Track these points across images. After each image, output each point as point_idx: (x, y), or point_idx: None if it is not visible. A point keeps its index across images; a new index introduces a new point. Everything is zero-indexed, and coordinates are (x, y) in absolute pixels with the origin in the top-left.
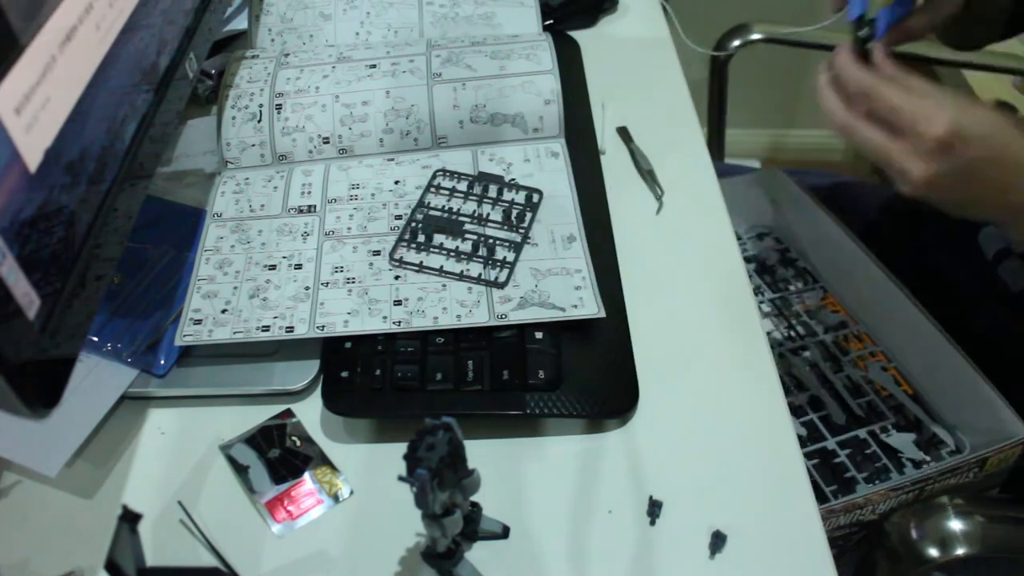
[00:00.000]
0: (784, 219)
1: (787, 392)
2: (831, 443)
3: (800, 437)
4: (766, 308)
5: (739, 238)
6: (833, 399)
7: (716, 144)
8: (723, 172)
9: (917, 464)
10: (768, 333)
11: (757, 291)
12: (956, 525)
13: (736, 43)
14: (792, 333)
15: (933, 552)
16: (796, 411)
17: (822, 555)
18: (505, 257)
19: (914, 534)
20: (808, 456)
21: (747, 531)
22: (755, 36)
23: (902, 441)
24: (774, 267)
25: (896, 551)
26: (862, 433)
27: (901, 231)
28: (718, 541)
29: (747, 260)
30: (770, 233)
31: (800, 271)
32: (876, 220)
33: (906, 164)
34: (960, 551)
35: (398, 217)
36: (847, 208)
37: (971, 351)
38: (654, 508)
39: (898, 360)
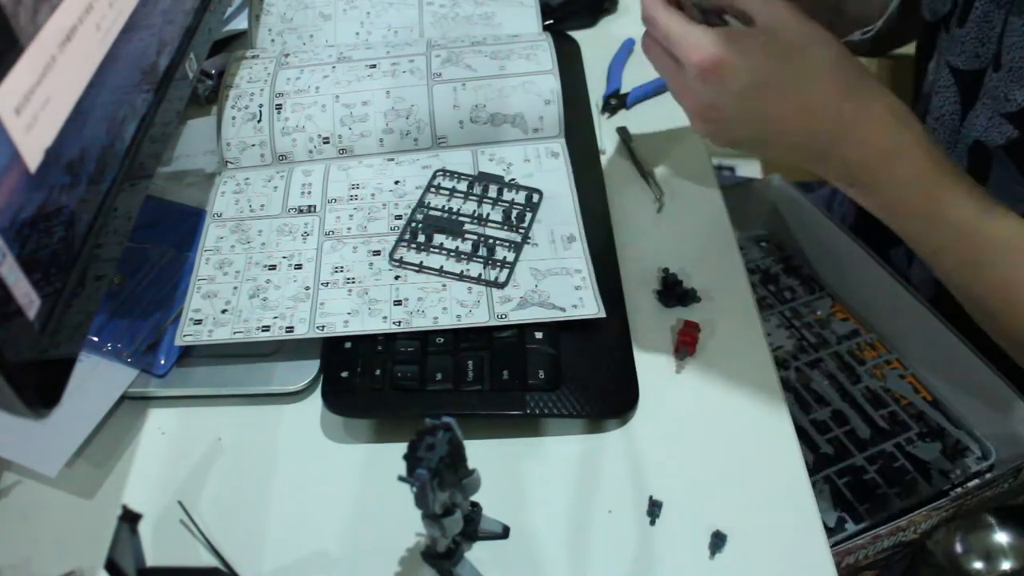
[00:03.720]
0: (784, 226)
1: (809, 408)
2: (859, 459)
3: (827, 456)
4: (775, 320)
5: (740, 248)
6: (855, 412)
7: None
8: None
9: (944, 473)
10: (780, 347)
11: (763, 302)
12: (1001, 538)
13: None
14: (804, 344)
15: (978, 565)
16: (820, 427)
17: (822, 555)
18: (505, 257)
19: (958, 548)
20: (839, 475)
21: (747, 531)
22: None
23: (929, 451)
24: (778, 276)
25: (941, 567)
26: (888, 447)
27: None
28: (718, 541)
29: (749, 271)
30: (770, 240)
31: (805, 279)
32: (879, 222)
33: (680, 94)
34: (1006, 565)
35: (398, 217)
36: (852, 210)
37: (986, 347)
38: (654, 508)
39: (913, 366)
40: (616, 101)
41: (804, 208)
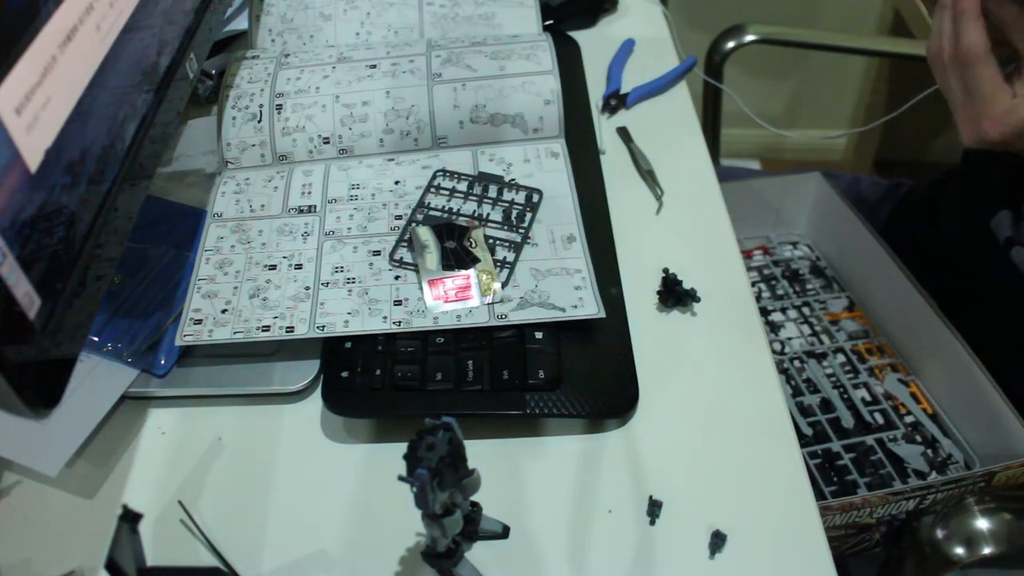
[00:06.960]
0: (818, 226)
1: (799, 393)
2: (836, 445)
3: (805, 436)
4: (792, 314)
5: (770, 243)
6: (845, 404)
7: (711, 147)
8: (722, 176)
9: (921, 476)
10: (789, 339)
11: (782, 297)
12: (982, 524)
13: (731, 44)
14: (815, 340)
15: (959, 551)
16: (806, 411)
17: (822, 555)
18: (505, 257)
19: (939, 534)
20: (811, 456)
21: (747, 531)
22: (750, 37)
23: (909, 452)
24: (804, 276)
25: (922, 551)
26: (869, 440)
27: (911, 221)
28: (718, 541)
29: (776, 264)
30: (802, 241)
31: (829, 281)
32: (884, 212)
33: (961, 120)
34: (987, 550)
35: (398, 217)
36: (856, 204)
37: (981, 337)
38: (654, 508)
39: (921, 377)
40: (616, 101)
41: (839, 207)
